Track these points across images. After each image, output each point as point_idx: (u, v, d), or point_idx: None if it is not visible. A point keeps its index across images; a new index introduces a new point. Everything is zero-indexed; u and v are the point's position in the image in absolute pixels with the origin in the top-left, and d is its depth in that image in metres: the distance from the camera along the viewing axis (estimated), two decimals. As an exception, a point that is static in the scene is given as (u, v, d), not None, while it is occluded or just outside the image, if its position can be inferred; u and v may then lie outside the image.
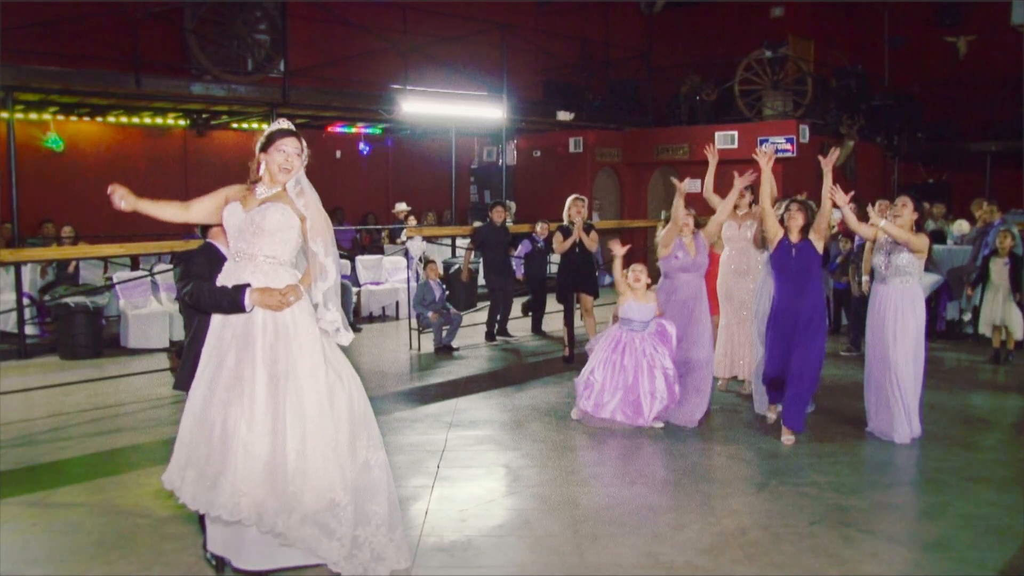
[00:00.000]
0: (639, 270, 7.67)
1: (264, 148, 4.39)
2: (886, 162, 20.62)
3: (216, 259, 4.47)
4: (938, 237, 13.01)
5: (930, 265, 10.63)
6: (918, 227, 7.12)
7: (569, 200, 10.28)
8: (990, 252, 10.53)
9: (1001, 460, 6.74)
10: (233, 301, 4.20)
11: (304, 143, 4.44)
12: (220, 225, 4.46)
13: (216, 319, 4.33)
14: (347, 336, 4.45)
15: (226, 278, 4.31)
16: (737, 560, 4.82)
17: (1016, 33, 20.09)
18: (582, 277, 10.29)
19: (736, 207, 8.40)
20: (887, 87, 21.21)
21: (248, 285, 4.21)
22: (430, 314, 11.09)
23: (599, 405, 7.44)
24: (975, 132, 19.78)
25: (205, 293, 4.31)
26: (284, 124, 4.47)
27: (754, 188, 8.32)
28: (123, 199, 4.31)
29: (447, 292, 11.65)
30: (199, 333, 4.45)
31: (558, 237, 10.21)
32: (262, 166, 4.39)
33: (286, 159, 4.36)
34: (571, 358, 10.32)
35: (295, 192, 4.38)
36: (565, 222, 10.28)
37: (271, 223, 4.28)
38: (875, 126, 19.46)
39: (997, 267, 10.22)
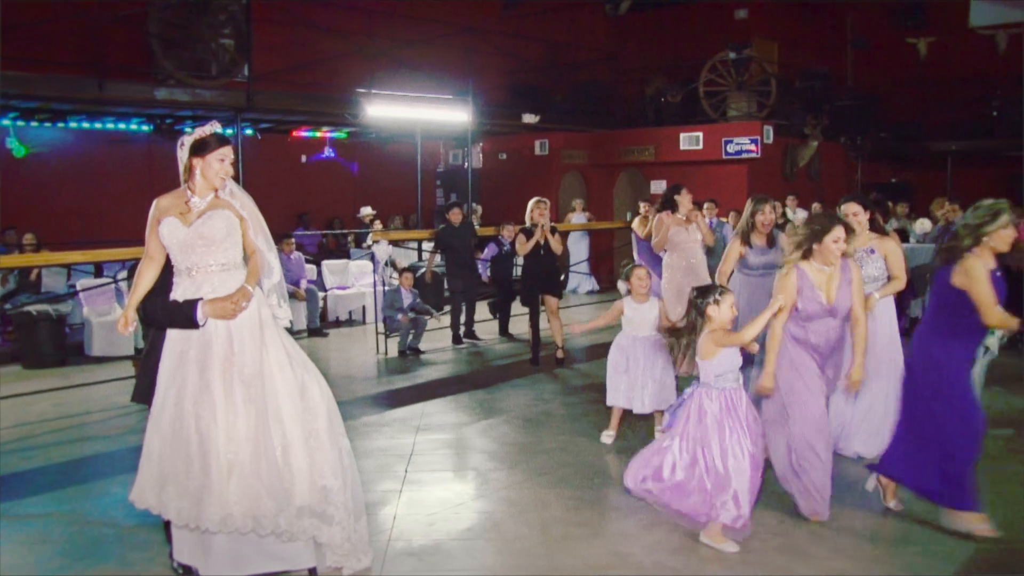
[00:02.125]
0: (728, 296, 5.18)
1: (199, 152, 4.31)
2: (850, 162, 20.83)
3: (170, 269, 4.41)
4: (901, 236, 13.17)
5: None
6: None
7: (531, 202, 10.26)
8: None
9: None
10: (186, 317, 4.16)
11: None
12: None
13: (173, 332, 4.28)
14: (286, 312, 4.51)
15: (183, 293, 4.27)
16: (707, 559, 4.85)
17: (974, 35, 20.42)
18: (547, 279, 10.29)
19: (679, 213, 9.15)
20: (851, 88, 21.42)
21: (200, 299, 4.18)
22: (400, 317, 11.05)
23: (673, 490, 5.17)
24: (937, 132, 20.03)
25: (159, 310, 4.27)
26: (218, 128, 4.41)
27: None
28: (128, 326, 4.31)
29: (419, 301, 11.58)
30: (156, 344, 4.41)
31: (521, 239, 10.17)
32: (196, 171, 4.34)
33: (225, 169, 4.33)
34: (537, 361, 10.34)
35: (228, 195, 4.36)
36: (527, 224, 10.27)
37: (220, 232, 4.25)
38: (839, 126, 19.64)
39: None
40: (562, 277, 10.69)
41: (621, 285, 7.11)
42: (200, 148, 4.31)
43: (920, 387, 5.27)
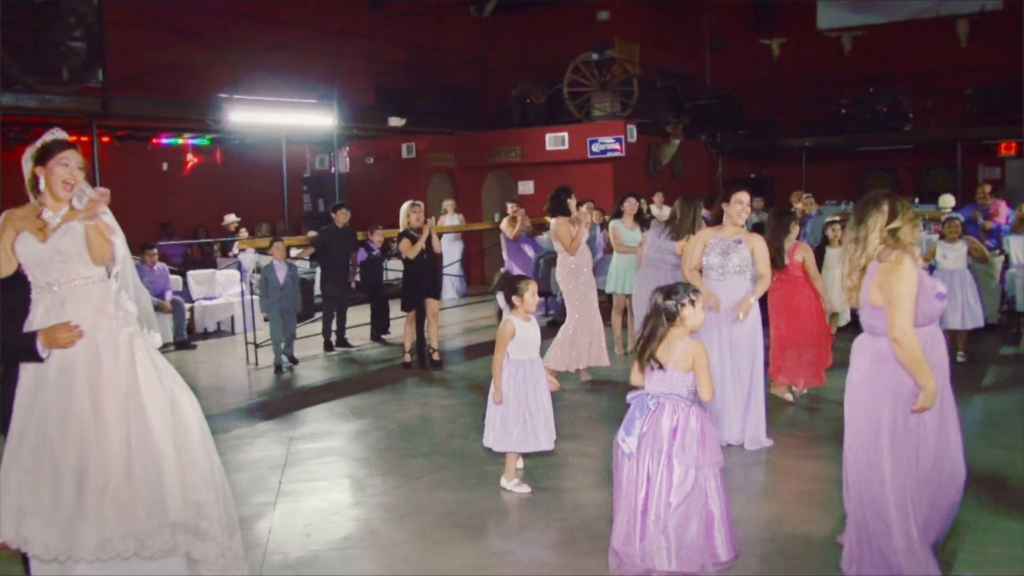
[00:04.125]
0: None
1: (41, 161, 4.11)
2: (711, 158, 21.46)
3: (27, 289, 4.17)
4: (759, 228, 13.63)
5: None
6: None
7: (406, 206, 10.18)
8: (821, 243, 10.85)
9: (822, 437, 7.07)
10: (29, 351, 3.96)
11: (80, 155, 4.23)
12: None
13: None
14: (156, 340, 4.37)
15: (46, 313, 4.07)
16: (585, 552, 4.92)
17: (822, 37, 21.44)
18: (432, 282, 10.26)
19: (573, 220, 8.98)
20: (709, 87, 22.07)
21: (38, 331, 3.99)
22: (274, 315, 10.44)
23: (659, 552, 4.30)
24: (791, 129, 20.90)
25: (6, 345, 4.05)
26: (60, 134, 4.21)
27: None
28: None
29: (297, 271, 11.04)
30: (11, 369, 4.21)
31: (406, 243, 10.03)
32: (41, 181, 4.14)
33: (70, 173, 4.12)
34: (411, 364, 10.31)
35: (83, 206, 4.19)
36: (402, 228, 10.20)
37: (78, 246, 4.08)
38: (699, 125, 20.21)
39: (833, 258, 10.44)
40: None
41: (502, 300, 5.96)
42: (42, 156, 4.12)
43: None
